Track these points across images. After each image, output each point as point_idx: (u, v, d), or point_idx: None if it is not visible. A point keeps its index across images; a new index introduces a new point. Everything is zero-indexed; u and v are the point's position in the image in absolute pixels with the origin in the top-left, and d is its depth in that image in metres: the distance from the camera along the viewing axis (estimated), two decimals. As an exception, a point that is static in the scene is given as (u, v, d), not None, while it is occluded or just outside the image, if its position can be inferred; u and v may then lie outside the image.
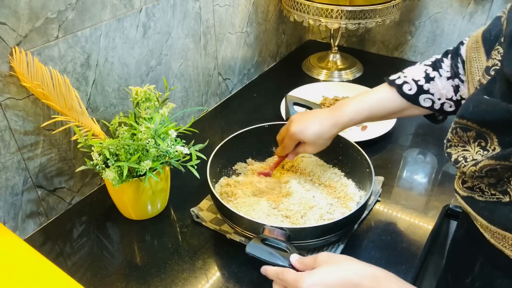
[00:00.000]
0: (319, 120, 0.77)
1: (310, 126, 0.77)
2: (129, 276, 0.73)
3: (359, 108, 0.76)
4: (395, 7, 1.19)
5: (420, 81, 0.73)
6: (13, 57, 0.68)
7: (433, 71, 0.73)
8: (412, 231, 0.81)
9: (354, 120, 0.76)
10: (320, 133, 0.77)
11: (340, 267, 0.54)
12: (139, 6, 0.87)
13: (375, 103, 0.76)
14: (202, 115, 1.17)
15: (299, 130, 0.77)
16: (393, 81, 0.75)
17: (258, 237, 0.66)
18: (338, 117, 0.76)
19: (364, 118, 0.76)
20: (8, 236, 0.64)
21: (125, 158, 0.74)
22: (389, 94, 0.75)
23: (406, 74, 0.75)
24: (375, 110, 0.76)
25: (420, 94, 0.73)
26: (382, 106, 0.76)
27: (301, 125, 0.77)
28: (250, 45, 1.27)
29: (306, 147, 0.80)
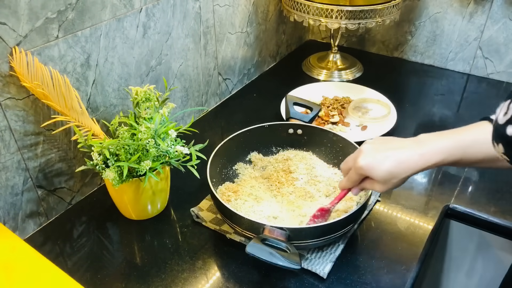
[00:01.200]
0: (398, 154, 0.63)
1: (384, 162, 0.63)
2: (129, 276, 0.73)
3: (451, 149, 0.62)
4: (395, 7, 1.19)
5: None
6: (13, 57, 0.68)
7: None
8: (412, 231, 0.81)
9: (447, 160, 0.62)
10: (395, 172, 0.63)
11: None
12: (139, 6, 0.87)
13: (471, 144, 0.61)
14: (202, 115, 1.17)
15: (369, 166, 0.64)
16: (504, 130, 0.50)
17: (258, 237, 0.66)
18: (422, 156, 0.62)
19: (454, 161, 0.62)
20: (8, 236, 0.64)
21: (125, 158, 0.74)
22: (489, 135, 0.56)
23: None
24: (468, 152, 0.61)
25: None
26: (477, 148, 0.61)
27: (373, 159, 0.63)
28: (250, 45, 1.27)
29: (375, 185, 0.66)
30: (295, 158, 0.92)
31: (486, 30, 1.26)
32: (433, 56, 1.38)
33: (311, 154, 0.94)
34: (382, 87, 1.21)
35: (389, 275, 0.73)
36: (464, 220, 0.89)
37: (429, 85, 1.29)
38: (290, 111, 0.97)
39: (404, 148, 0.64)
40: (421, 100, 1.22)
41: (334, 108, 1.14)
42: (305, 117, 0.96)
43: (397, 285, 0.71)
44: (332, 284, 0.71)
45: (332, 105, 1.15)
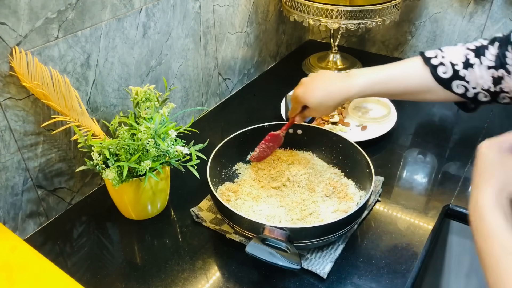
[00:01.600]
0: (326, 86, 0.74)
1: (315, 92, 0.74)
2: (129, 276, 0.73)
3: (375, 80, 0.70)
4: (395, 7, 1.19)
5: (457, 66, 0.66)
6: (13, 57, 0.68)
7: (474, 57, 0.65)
8: (412, 231, 0.81)
9: (365, 93, 0.71)
10: (324, 100, 0.74)
11: None
12: (139, 6, 0.87)
13: (398, 77, 0.69)
14: (202, 115, 1.17)
15: (302, 94, 0.76)
16: (429, 60, 0.68)
17: (258, 237, 0.66)
18: (348, 87, 0.71)
19: (378, 92, 0.71)
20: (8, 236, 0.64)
21: (125, 158, 0.74)
22: (420, 71, 0.68)
23: (444, 54, 0.67)
24: (394, 85, 0.69)
25: (455, 79, 0.66)
26: (405, 81, 0.69)
27: (306, 89, 0.75)
28: (250, 45, 1.27)
29: (311, 111, 0.78)
30: (295, 158, 0.92)
31: (486, 30, 1.26)
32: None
33: (311, 154, 0.94)
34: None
35: (389, 275, 0.73)
36: (464, 220, 0.89)
37: (429, 85, 1.29)
38: (290, 111, 0.97)
39: (333, 79, 0.74)
40: (421, 100, 1.22)
41: (334, 108, 1.14)
42: (305, 117, 0.96)
43: (397, 285, 0.71)
44: (332, 284, 0.71)
45: (332, 105, 1.15)
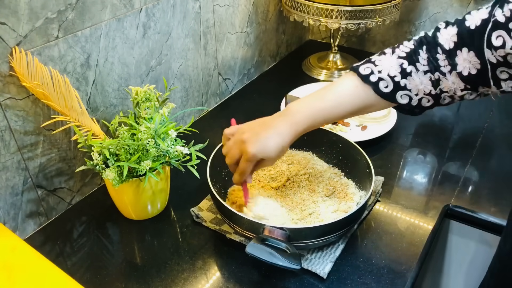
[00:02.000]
0: (276, 131, 0.68)
1: (269, 142, 0.68)
2: (129, 276, 0.73)
3: (319, 110, 0.68)
4: (395, 7, 1.19)
5: (396, 77, 0.65)
6: (13, 57, 0.68)
7: (409, 65, 0.65)
8: (412, 231, 0.81)
9: (312, 125, 0.69)
10: (282, 147, 0.69)
11: None
12: (139, 6, 0.87)
13: (342, 101, 0.67)
14: (202, 115, 1.17)
15: (259, 150, 0.68)
16: (367, 78, 0.66)
17: (258, 237, 0.66)
18: (296, 125, 0.68)
19: (324, 120, 0.69)
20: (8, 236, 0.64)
21: (125, 158, 0.74)
22: (361, 90, 0.67)
23: (380, 68, 0.66)
24: (340, 109, 0.68)
25: (397, 91, 0.66)
26: (350, 103, 0.68)
27: (259, 143, 0.68)
28: (250, 45, 1.27)
29: (266, 163, 0.71)
30: (295, 158, 0.92)
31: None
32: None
33: (311, 154, 0.94)
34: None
35: (389, 275, 0.73)
36: (464, 220, 0.89)
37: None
38: (290, 111, 0.97)
39: (278, 122, 0.69)
40: (421, 100, 1.22)
41: (334, 108, 1.14)
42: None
43: (397, 285, 0.71)
44: (332, 284, 0.71)
45: (332, 105, 1.15)
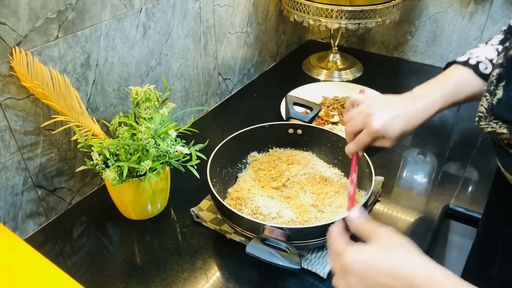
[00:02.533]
0: (407, 114, 0.66)
1: (396, 123, 0.65)
2: (129, 276, 0.73)
3: (446, 95, 0.67)
4: (395, 7, 1.19)
5: (494, 60, 0.66)
6: (13, 57, 0.68)
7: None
8: (412, 231, 0.81)
9: (441, 110, 0.68)
10: (406, 129, 0.66)
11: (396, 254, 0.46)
12: (139, 6, 0.87)
13: (458, 86, 0.67)
14: (202, 115, 1.17)
15: (385, 128, 0.65)
16: (467, 62, 0.68)
17: (258, 237, 0.66)
18: (424, 109, 0.66)
19: (449, 105, 0.68)
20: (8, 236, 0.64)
21: (125, 158, 0.74)
22: (467, 75, 0.67)
23: (477, 54, 0.68)
24: (458, 94, 0.67)
25: None
26: (463, 88, 0.67)
27: (386, 121, 0.65)
28: (250, 45, 1.27)
29: (384, 142, 0.67)
30: (295, 158, 0.92)
31: (486, 30, 1.26)
32: (433, 56, 1.38)
33: (311, 154, 0.94)
34: (382, 87, 1.21)
35: (389, 275, 0.72)
36: (464, 220, 0.89)
37: (429, 85, 1.29)
38: (290, 111, 0.97)
39: (407, 104, 0.66)
40: (421, 100, 1.22)
41: (334, 108, 1.14)
42: (305, 117, 0.96)
43: (397, 285, 0.71)
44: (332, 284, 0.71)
45: (332, 105, 1.15)
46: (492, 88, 0.54)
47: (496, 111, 0.52)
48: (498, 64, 0.54)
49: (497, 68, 0.53)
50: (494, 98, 0.53)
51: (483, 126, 0.53)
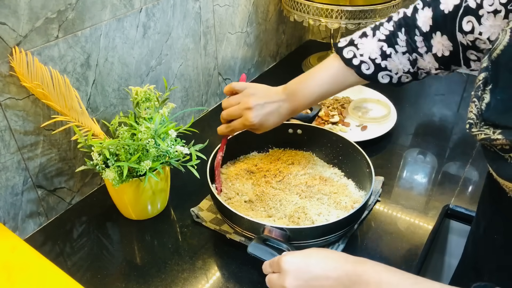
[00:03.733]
0: (278, 110, 0.76)
1: (270, 119, 0.76)
2: (129, 276, 0.73)
3: (316, 92, 0.74)
4: (395, 7, 1.19)
5: (377, 60, 0.71)
6: (13, 57, 0.68)
7: (388, 47, 0.70)
8: (412, 231, 0.81)
9: (310, 106, 0.77)
10: (277, 124, 0.78)
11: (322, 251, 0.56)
12: (139, 6, 0.87)
13: (334, 83, 0.74)
14: (202, 115, 1.17)
15: (260, 123, 0.75)
16: (350, 61, 0.72)
17: (259, 237, 0.66)
18: (296, 107, 0.76)
19: (318, 100, 0.76)
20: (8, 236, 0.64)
21: (125, 158, 0.74)
22: (345, 73, 0.73)
23: (362, 51, 0.72)
24: (330, 90, 0.75)
25: (379, 72, 0.72)
26: (337, 85, 0.74)
27: (262, 117, 0.75)
28: (250, 45, 1.27)
29: (256, 131, 0.79)
30: (295, 158, 0.92)
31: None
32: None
33: (311, 154, 0.94)
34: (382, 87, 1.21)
35: (389, 275, 0.72)
36: (464, 220, 0.89)
37: (429, 85, 1.29)
38: (290, 111, 0.97)
39: (280, 100, 0.76)
40: (421, 100, 1.22)
41: (334, 108, 1.14)
42: (305, 117, 0.96)
43: (397, 285, 0.71)
44: None
45: (332, 105, 1.15)
46: (479, 92, 0.54)
47: (486, 116, 0.51)
48: (483, 68, 0.53)
49: (482, 72, 0.53)
50: (483, 103, 0.53)
51: (475, 133, 0.53)
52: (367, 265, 0.51)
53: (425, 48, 0.66)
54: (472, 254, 0.72)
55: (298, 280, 0.53)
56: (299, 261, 0.54)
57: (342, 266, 0.52)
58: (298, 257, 0.55)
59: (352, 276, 0.51)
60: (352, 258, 0.53)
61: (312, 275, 0.53)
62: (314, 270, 0.53)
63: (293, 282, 0.53)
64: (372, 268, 0.51)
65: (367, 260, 0.52)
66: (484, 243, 0.66)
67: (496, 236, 0.62)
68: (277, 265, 0.55)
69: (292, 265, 0.54)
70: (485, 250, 0.66)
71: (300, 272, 0.53)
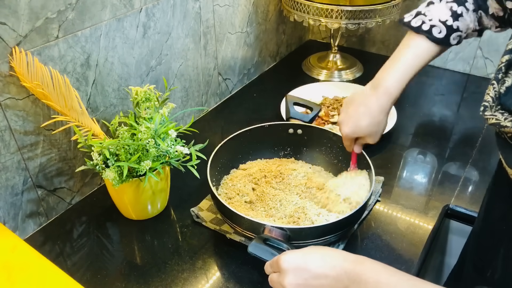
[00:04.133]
0: (367, 110, 0.72)
1: (361, 122, 0.72)
2: (129, 276, 0.73)
3: (403, 76, 0.70)
4: (395, 7, 1.19)
5: (448, 21, 0.67)
6: (13, 57, 0.68)
7: (459, 7, 0.67)
8: (412, 231, 0.81)
9: (401, 91, 0.72)
10: (375, 123, 0.72)
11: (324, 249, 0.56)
12: (139, 6, 0.87)
13: (414, 62, 0.70)
14: (202, 115, 1.17)
15: (352, 131, 0.73)
16: (420, 28, 0.68)
17: (259, 237, 0.65)
18: (386, 98, 0.71)
19: (408, 82, 0.72)
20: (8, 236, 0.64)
21: (125, 158, 0.74)
22: (422, 45, 0.69)
23: (430, 16, 0.68)
24: (415, 69, 0.70)
25: (451, 34, 0.68)
26: (420, 61, 0.70)
27: (351, 125, 0.73)
28: (250, 45, 1.27)
29: (366, 139, 0.75)
30: (295, 158, 0.92)
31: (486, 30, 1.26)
32: None
33: (311, 155, 0.94)
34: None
35: (389, 275, 0.72)
36: (464, 220, 0.89)
37: (429, 85, 1.29)
38: (290, 111, 0.97)
39: (368, 100, 0.71)
40: (421, 100, 1.22)
41: (334, 108, 1.14)
42: (305, 117, 0.96)
43: (397, 285, 0.71)
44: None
45: (332, 105, 1.15)
46: (500, 75, 0.53)
47: (503, 100, 0.50)
48: (507, 50, 0.53)
49: (506, 54, 0.52)
50: (502, 86, 0.52)
51: (488, 117, 0.52)
52: (366, 264, 0.51)
53: (486, 6, 0.65)
54: (473, 251, 0.72)
55: (297, 279, 0.53)
56: (298, 260, 0.54)
57: (341, 265, 0.52)
58: (297, 255, 0.55)
59: (351, 275, 0.51)
60: (351, 256, 0.53)
61: (311, 274, 0.53)
62: (313, 269, 0.53)
63: (292, 281, 0.53)
64: (371, 267, 0.51)
65: (366, 259, 0.52)
66: (491, 236, 0.66)
67: (505, 228, 0.61)
68: (277, 265, 0.56)
69: (291, 264, 0.54)
70: (491, 243, 0.65)
71: (299, 270, 0.53)
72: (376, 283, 0.49)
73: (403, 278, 0.49)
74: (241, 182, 0.86)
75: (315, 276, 0.53)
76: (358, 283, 0.50)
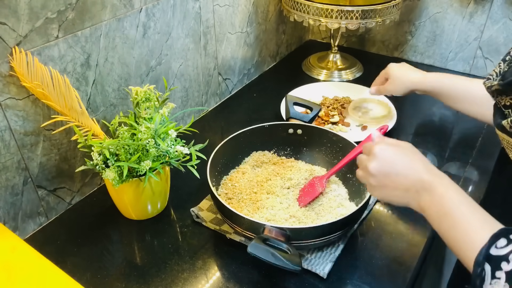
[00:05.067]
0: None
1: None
2: (129, 276, 0.73)
3: (442, 81, 0.86)
4: (395, 7, 1.19)
5: None
6: (13, 57, 0.68)
7: None
8: (412, 231, 0.81)
9: (435, 87, 0.88)
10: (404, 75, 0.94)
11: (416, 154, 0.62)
12: (139, 6, 0.87)
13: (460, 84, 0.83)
14: (202, 115, 1.17)
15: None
16: None
17: (259, 237, 0.66)
18: (424, 78, 0.92)
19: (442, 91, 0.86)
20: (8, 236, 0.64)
21: (125, 158, 0.74)
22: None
23: None
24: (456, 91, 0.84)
25: None
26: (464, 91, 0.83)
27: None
28: (250, 45, 1.27)
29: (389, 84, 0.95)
30: (295, 158, 0.92)
31: (486, 30, 1.26)
32: (433, 56, 1.39)
33: (311, 155, 0.94)
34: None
35: (389, 275, 0.73)
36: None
37: (429, 85, 1.29)
38: (290, 111, 0.97)
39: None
40: (421, 100, 1.22)
41: (334, 108, 1.14)
42: (305, 117, 0.96)
43: (397, 285, 0.71)
44: (332, 284, 0.71)
45: (332, 105, 1.15)
46: (508, 57, 0.60)
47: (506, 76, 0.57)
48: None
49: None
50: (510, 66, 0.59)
51: (488, 85, 0.58)
52: (443, 180, 0.58)
53: None
54: None
55: (382, 167, 0.61)
56: (390, 152, 0.61)
57: (423, 172, 0.59)
58: (392, 149, 0.61)
59: (425, 184, 0.58)
60: (435, 171, 0.59)
61: (395, 170, 0.60)
62: (399, 167, 0.60)
63: (377, 167, 0.61)
64: (446, 183, 0.58)
65: (446, 177, 0.58)
66: None
67: None
68: (369, 149, 0.63)
69: (382, 153, 0.61)
70: None
71: (387, 162, 0.61)
72: (440, 196, 0.56)
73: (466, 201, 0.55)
74: (241, 182, 0.86)
75: (398, 173, 0.60)
76: (428, 191, 0.57)
